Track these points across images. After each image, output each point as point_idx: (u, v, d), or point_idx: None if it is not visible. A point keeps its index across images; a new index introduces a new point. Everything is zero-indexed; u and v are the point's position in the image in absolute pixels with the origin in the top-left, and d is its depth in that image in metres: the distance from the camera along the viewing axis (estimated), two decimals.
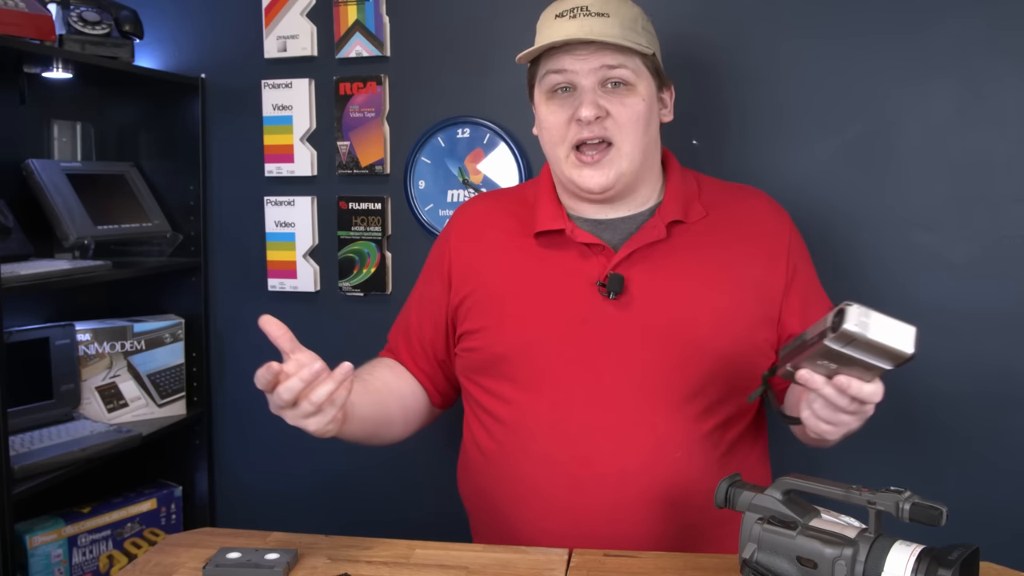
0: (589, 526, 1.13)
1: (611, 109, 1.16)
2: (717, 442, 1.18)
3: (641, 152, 1.20)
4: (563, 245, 1.22)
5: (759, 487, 0.90)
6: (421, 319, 1.34)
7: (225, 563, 1.00)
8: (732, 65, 1.61)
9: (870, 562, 0.79)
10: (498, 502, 1.21)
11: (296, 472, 1.92)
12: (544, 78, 1.20)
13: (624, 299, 1.17)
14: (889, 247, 1.57)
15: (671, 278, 1.19)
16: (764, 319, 1.21)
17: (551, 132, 1.20)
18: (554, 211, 1.24)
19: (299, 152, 1.85)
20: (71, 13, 1.68)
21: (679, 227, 1.22)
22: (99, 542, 1.74)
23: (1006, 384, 1.53)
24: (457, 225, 1.34)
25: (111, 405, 1.81)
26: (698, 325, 1.17)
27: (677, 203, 1.23)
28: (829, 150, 1.58)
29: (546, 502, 1.16)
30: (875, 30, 1.54)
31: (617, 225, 1.23)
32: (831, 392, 0.94)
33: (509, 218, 1.29)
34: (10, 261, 1.57)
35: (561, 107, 1.19)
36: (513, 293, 1.22)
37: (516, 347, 1.19)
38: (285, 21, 1.82)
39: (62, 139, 1.91)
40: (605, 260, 1.19)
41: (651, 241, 1.19)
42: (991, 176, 1.52)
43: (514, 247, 1.25)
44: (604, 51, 1.16)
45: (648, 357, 1.16)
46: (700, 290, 1.19)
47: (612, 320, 1.17)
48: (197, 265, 1.93)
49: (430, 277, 1.35)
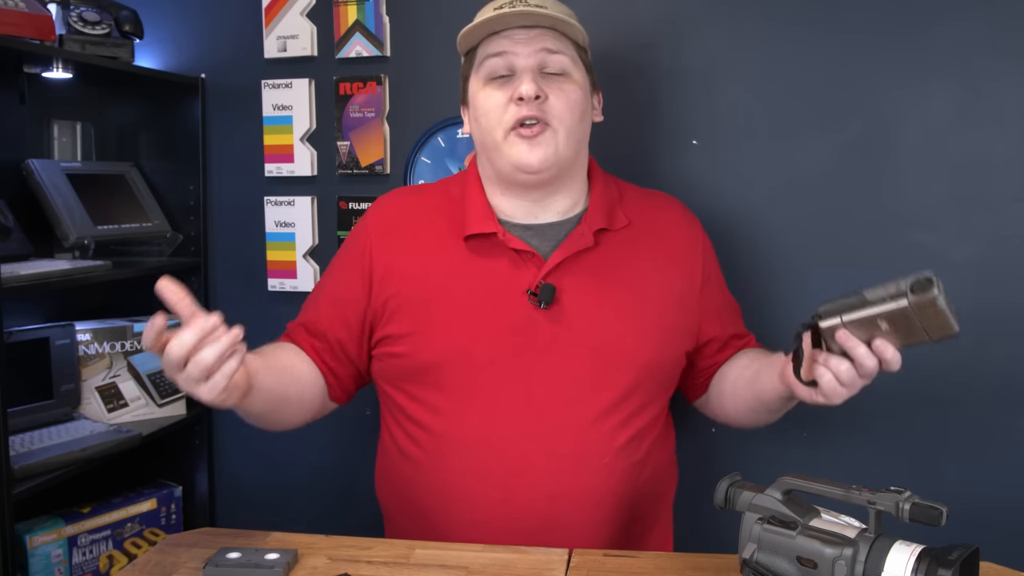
0: (522, 534, 1.13)
1: (549, 93, 1.17)
2: (637, 446, 1.20)
3: (576, 141, 1.21)
4: (493, 250, 1.21)
5: (759, 487, 0.91)
6: (331, 316, 1.26)
7: (225, 563, 1.00)
8: (731, 65, 1.61)
9: (870, 562, 0.79)
10: (425, 509, 1.20)
11: (296, 472, 1.92)
12: (482, 64, 1.21)
13: (554, 309, 1.18)
14: (889, 247, 1.57)
15: (599, 288, 1.20)
16: (684, 329, 1.25)
17: (488, 116, 1.20)
18: (484, 213, 1.23)
19: (299, 152, 1.85)
20: (71, 13, 1.68)
21: (605, 235, 1.23)
22: (99, 542, 1.74)
23: (1006, 384, 1.53)
24: (378, 221, 1.29)
25: (111, 405, 1.81)
26: (626, 336, 1.19)
27: (602, 210, 1.24)
28: (829, 150, 1.58)
29: (477, 512, 1.16)
30: (875, 31, 1.54)
31: (545, 231, 1.23)
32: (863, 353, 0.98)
33: (435, 217, 1.26)
34: (10, 261, 1.57)
35: (499, 90, 1.19)
36: (442, 298, 1.20)
37: (446, 355, 1.18)
38: (285, 21, 1.82)
39: (62, 139, 1.91)
40: (535, 269, 1.19)
41: (579, 249, 1.20)
42: (991, 176, 1.52)
43: (442, 249, 1.23)
44: (544, 36, 1.18)
45: (577, 367, 1.17)
46: (627, 301, 1.21)
47: (543, 330, 1.17)
48: (197, 265, 1.93)
49: (346, 274, 1.27)
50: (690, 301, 1.26)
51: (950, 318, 0.92)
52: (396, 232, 1.26)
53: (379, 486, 1.32)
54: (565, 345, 1.17)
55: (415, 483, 1.22)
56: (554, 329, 1.17)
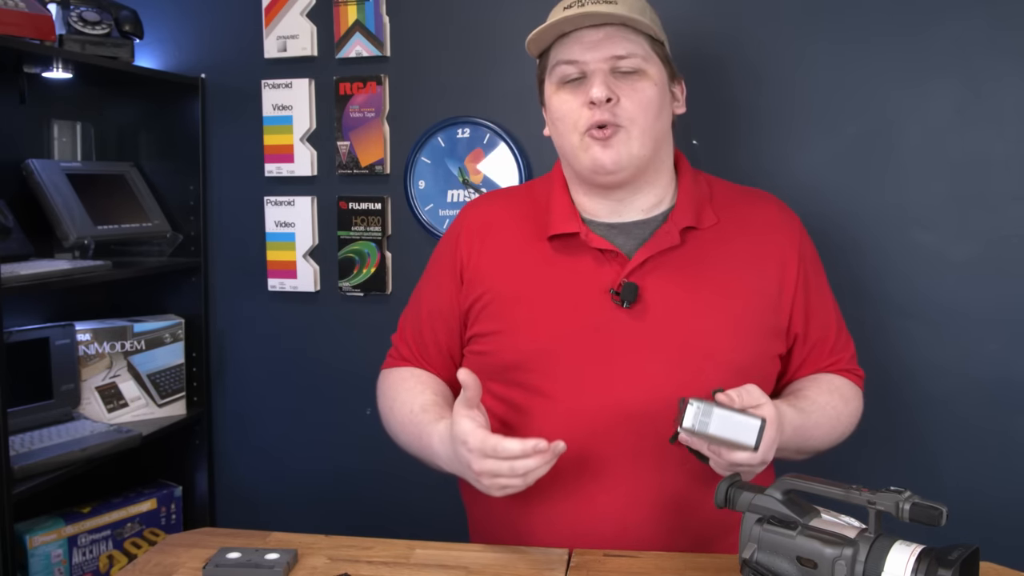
0: (597, 537, 1.12)
1: (621, 94, 1.16)
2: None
3: (652, 139, 1.18)
4: (576, 250, 1.20)
5: (759, 487, 0.90)
6: (435, 328, 1.29)
7: (225, 563, 1.00)
8: (732, 65, 1.61)
9: (870, 562, 0.79)
10: (503, 507, 1.19)
11: (296, 472, 1.92)
12: (554, 69, 1.20)
13: (638, 308, 1.16)
14: (889, 246, 1.57)
15: (685, 287, 1.17)
16: (774, 329, 1.20)
17: (564, 120, 1.19)
18: (568, 213, 1.22)
19: (299, 152, 1.85)
20: (71, 13, 1.68)
21: (692, 233, 1.20)
22: (99, 542, 1.74)
23: (1006, 383, 1.53)
24: (466, 225, 1.30)
25: (111, 405, 1.81)
26: (711, 336, 1.16)
27: (690, 208, 1.21)
28: (829, 150, 1.58)
29: (555, 514, 1.15)
30: (875, 31, 1.54)
31: (630, 230, 1.22)
32: (711, 455, 1.01)
33: (520, 219, 1.27)
34: (10, 261, 1.57)
35: (572, 95, 1.18)
36: (526, 298, 1.20)
37: (528, 354, 1.17)
38: (285, 21, 1.82)
39: (62, 139, 1.91)
40: (619, 267, 1.18)
41: (665, 248, 1.18)
42: (990, 175, 1.52)
43: (527, 250, 1.23)
44: (614, 40, 1.16)
45: (661, 368, 1.14)
46: (714, 300, 1.17)
47: (626, 329, 1.16)
48: (197, 265, 1.93)
49: (440, 282, 1.30)
50: (783, 302, 1.20)
51: (730, 439, 0.96)
52: (483, 235, 1.27)
53: (463, 486, 1.30)
54: (648, 345, 1.15)
55: None
56: (637, 329, 1.15)
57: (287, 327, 1.91)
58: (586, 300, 1.17)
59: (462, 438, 1.03)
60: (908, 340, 1.57)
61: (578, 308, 1.17)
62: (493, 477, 1.01)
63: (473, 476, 1.04)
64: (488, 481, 1.02)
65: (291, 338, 1.91)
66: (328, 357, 1.89)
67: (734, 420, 0.95)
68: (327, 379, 1.89)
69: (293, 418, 1.92)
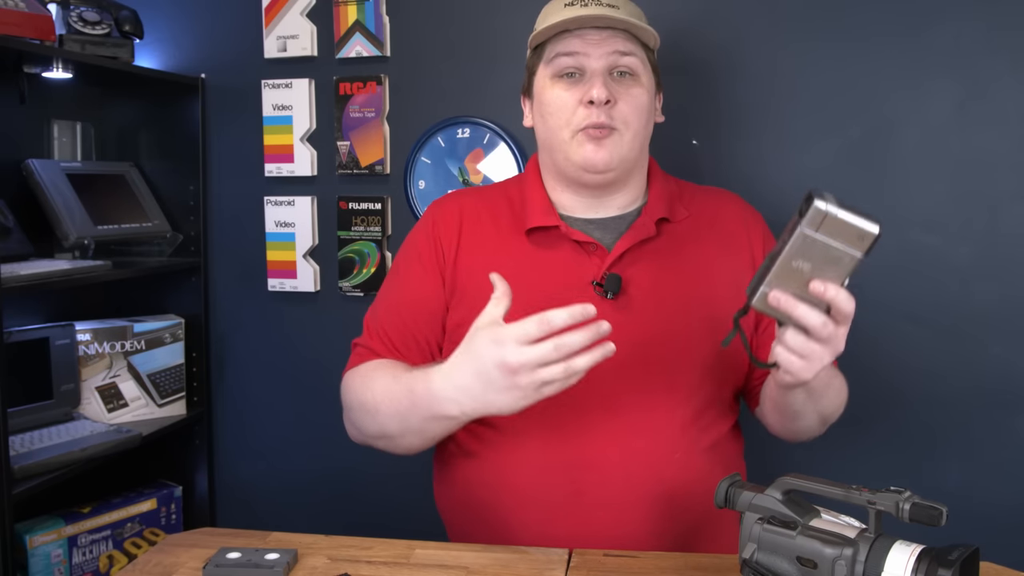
0: (591, 530, 1.12)
1: (619, 98, 1.17)
2: (709, 441, 1.19)
3: (640, 144, 1.21)
4: (555, 243, 1.21)
5: (759, 487, 0.90)
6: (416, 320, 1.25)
7: (225, 563, 1.00)
8: (732, 65, 1.62)
9: (870, 562, 0.79)
10: (491, 508, 1.18)
11: (296, 472, 1.92)
12: (552, 61, 1.20)
13: (622, 300, 1.17)
14: (889, 247, 1.56)
15: (665, 277, 1.20)
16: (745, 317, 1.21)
17: (556, 115, 1.19)
18: (545, 207, 1.24)
19: (299, 152, 1.85)
20: (71, 13, 1.68)
21: (666, 226, 1.23)
22: (99, 542, 1.74)
23: (1006, 383, 1.53)
24: (439, 219, 1.28)
25: (111, 405, 1.81)
26: (693, 325, 1.18)
27: (663, 202, 1.24)
28: (829, 150, 1.58)
29: (546, 508, 1.14)
30: (875, 31, 1.54)
31: (607, 224, 1.24)
32: (804, 311, 0.91)
33: (495, 213, 1.27)
34: (10, 261, 1.57)
35: (568, 90, 1.18)
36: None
37: None
38: (285, 21, 1.82)
39: (62, 139, 1.91)
40: (599, 260, 1.19)
41: (643, 239, 1.20)
42: (991, 175, 1.52)
43: (506, 243, 1.24)
44: (616, 38, 1.17)
45: (646, 358, 1.16)
46: (693, 289, 1.20)
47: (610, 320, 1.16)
48: (197, 265, 1.93)
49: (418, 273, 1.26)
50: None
51: (858, 222, 0.86)
52: (458, 228, 1.26)
53: (439, 493, 1.28)
54: (633, 335, 1.15)
55: (479, 483, 1.19)
56: (621, 319, 1.14)
57: (287, 327, 1.91)
58: (569, 292, 1.17)
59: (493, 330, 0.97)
60: (908, 340, 1.57)
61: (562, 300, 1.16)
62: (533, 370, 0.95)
63: (505, 384, 0.97)
64: (527, 378, 0.96)
65: (291, 338, 1.91)
66: (328, 357, 1.89)
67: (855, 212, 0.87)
68: (327, 379, 1.88)
69: (293, 418, 1.92)
